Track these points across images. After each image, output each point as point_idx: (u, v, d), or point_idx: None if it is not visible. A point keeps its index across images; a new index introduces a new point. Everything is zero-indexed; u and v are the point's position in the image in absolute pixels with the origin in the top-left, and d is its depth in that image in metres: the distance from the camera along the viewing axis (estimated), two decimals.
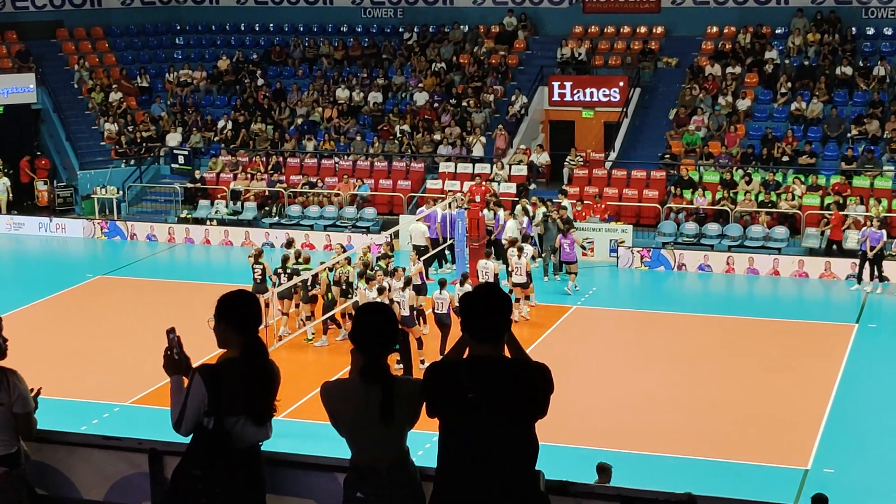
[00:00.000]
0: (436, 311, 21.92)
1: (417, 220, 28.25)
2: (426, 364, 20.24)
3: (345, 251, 24.83)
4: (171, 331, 5.61)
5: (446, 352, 5.43)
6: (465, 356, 5.21)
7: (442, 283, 22.19)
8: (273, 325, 22.86)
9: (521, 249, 25.14)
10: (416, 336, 21.28)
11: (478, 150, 34.60)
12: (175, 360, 5.56)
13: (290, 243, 26.18)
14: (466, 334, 5.17)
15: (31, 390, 6.11)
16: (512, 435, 5.09)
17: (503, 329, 5.16)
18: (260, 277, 23.60)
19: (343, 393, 5.42)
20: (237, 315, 5.54)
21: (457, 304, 21.43)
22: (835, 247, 28.98)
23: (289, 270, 23.42)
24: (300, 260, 24.13)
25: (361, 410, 5.29)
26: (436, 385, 5.20)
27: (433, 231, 28.31)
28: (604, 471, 13.56)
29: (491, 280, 23.41)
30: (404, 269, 22.77)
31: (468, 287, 22.16)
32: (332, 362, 21.16)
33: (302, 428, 18.69)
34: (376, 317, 5.35)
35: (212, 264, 31.83)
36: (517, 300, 24.61)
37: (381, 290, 21.46)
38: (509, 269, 25.22)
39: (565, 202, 29.97)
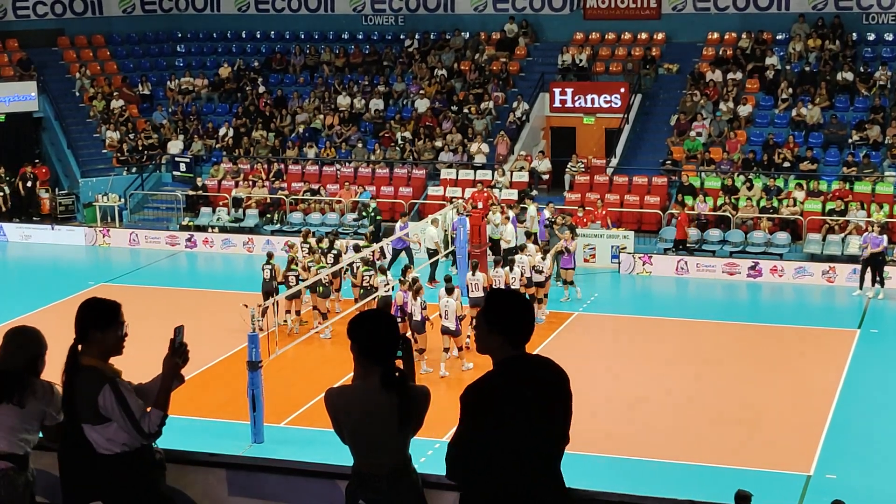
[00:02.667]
0: (442, 320, 21.75)
1: (430, 224, 28.43)
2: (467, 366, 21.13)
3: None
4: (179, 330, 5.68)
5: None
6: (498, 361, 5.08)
7: (449, 291, 22.08)
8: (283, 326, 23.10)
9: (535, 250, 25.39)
10: (422, 345, 21.56)
11: (479, 157, 34.62)
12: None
13: (336, 234, 27.65)
14: (503, 338, 5.05)
15: None
16: (558, 431, 5.11)
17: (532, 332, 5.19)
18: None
19: (348, 399, 5.41)
20: None
21: (462, 313, 21.89)
22: (681, 247, 29.63)
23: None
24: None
25: (367, 416, 5.28)
26: (494, 386, 5.04)
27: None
28: (744, 498, 13.19)
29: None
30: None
31: (480, 276, 22.68)
32: (332, 371, 21.12)
33: (303, 435, 18.72)
34: (384, 323, 5.35)
35: (214, 272, 31.83)
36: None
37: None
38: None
39: (531, 208, 30.06)
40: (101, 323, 5.63)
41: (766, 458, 17.86)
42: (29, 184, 36.30)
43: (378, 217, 31.71)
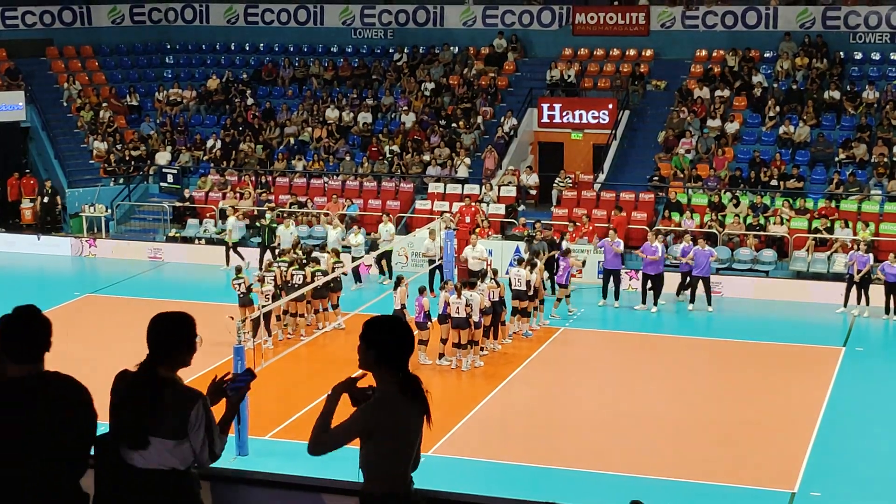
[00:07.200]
0: (452, 314, 22.58)
1: (429, 239, 28.48)
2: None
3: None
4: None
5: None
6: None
7: (472, 285, 23.04)
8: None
9: (523, 262, 25.35)
10: (422, 338, 22.52)
11: (462, 172, 34.65)
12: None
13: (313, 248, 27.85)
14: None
15: None
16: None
17: None
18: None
19: (388, 409, 5.40)
20: None
21: (486, 304, 22.69)
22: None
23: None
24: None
25: (406, 424, 5.39)
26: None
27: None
28: None
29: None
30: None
31: (445, 294, 23.00)
32: (318, 384, 21.07)
33: (288, 447, 18.65)
34: (402, 328, 5.43)
35: (199, 283, 31.74)
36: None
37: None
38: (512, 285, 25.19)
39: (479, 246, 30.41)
40: (185, 343, 5.55)
41: (751, 475, 17.86)
42: (47, 199, 36.13)
43: (275, 226, 31.30)
